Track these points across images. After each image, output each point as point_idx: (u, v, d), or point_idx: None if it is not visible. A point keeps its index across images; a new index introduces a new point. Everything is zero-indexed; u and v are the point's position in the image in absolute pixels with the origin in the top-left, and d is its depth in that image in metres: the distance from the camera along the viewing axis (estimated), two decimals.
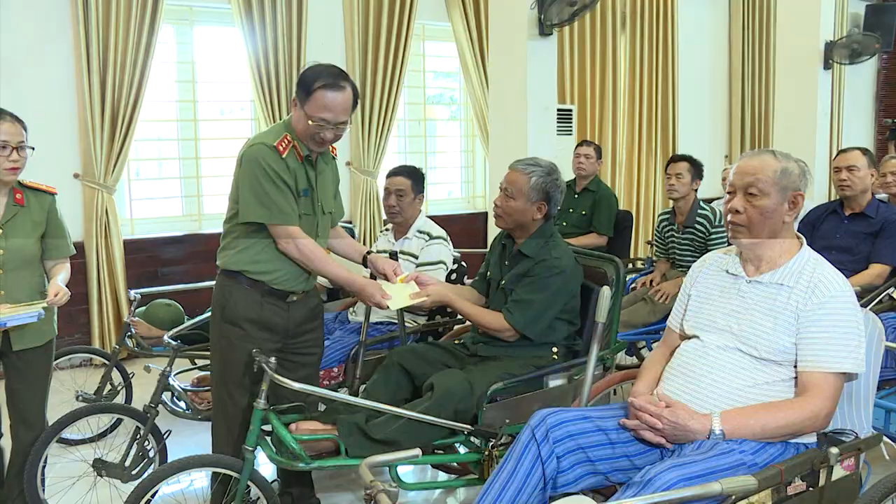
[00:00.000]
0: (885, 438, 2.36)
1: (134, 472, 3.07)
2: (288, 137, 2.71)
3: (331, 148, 2.92)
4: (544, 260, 2.94)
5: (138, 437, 3.09)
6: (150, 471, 3.09)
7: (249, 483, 2.65)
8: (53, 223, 2.96)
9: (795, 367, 2.11)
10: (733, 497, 1.84)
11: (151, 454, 3.12)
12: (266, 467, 3.49)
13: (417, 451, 1.92)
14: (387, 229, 3.99)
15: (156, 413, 3.10)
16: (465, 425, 2.70)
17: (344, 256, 3.18)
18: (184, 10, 5.85)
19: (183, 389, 3.47)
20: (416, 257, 3.68)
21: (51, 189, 3.00)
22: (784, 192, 2.17)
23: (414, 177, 3.81)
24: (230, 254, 2.78)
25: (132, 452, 3.09)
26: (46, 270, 2.99)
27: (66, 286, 2.88)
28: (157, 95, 5.76)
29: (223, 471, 2.67)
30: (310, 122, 2.65)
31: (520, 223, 3.02)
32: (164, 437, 3.16)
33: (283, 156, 2.68)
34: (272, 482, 2.68)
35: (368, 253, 3.08)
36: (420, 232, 3.77)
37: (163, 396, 3.28)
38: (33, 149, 2.92)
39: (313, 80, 2.65)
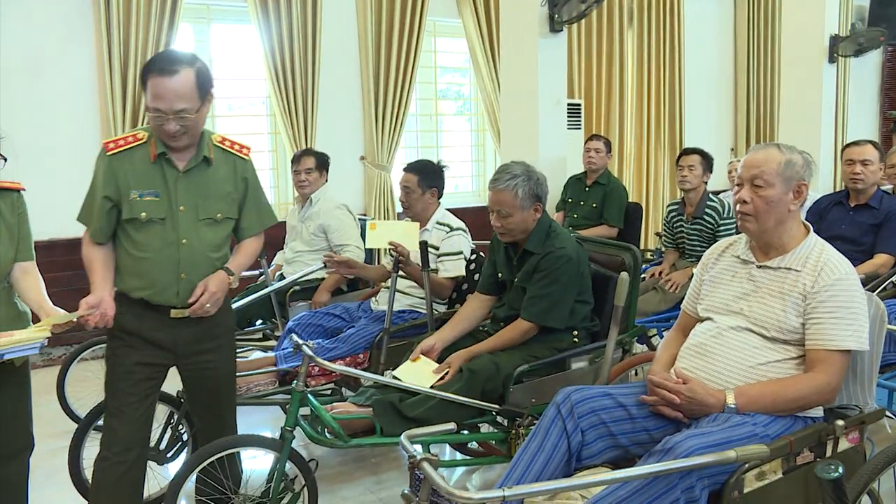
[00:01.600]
0: (887, 413, 2.50)
1: (169, 455, 3.19)
2: (137, 136, 2.54)
3: (239, 147, 2.67)
4: (550, 252, 3.04)
5: (172, 421, 3.20)
6: (184, 453, 3.24)
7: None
8: (24, 222, 2.64)
9: (803, 345, 2.25)
10: (747, 465, 1.99)
11: (185, 438, 3.23)
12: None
13: (453, 425, 2.06)
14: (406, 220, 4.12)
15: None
16: (493, 405, 2.85)
17: None
18: (202, 9, 5.99)
19: None
20: (437, 248, 3.81)
21: (16, 185, 2.62)
22: (788, 182, 2.31)
23: (422, 172, 3.87)
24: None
25: (167, 436, 3.20)
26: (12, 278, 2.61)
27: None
28: None
29: (263, 450, 2.79)
30: (149, 114, 2.45)
31: (524, 230, 3.11)
32: None
33: (110, 153, 2.50)
34: (309, 461, 2.80)
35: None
36: (440, 224, 3.87)
37: None
38: (5, 159, 2.66)
39: (145, 68, 2.42)
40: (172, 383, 3.86)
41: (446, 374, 2.93)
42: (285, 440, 2.67)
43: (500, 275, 3.29)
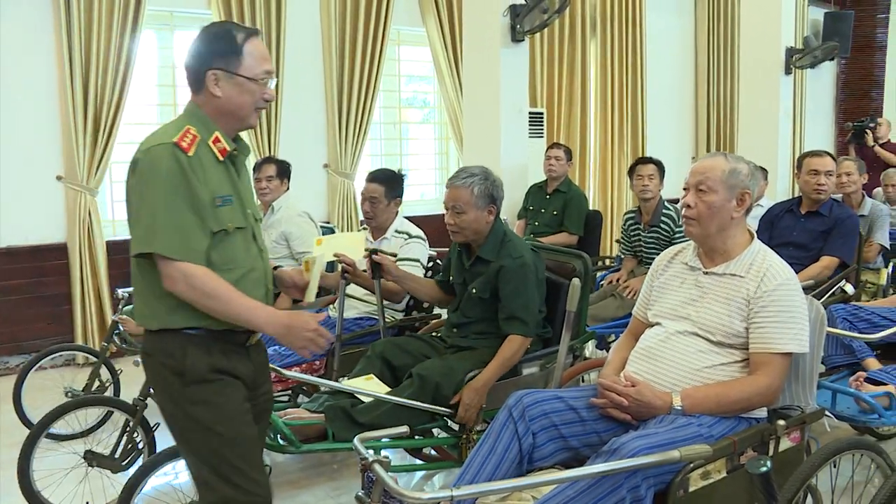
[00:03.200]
0: (827, 413, 2.58)
1: (124, 463, 3.17)
2: (192, 132, 2.06)
3: None
4: (513, 260, 3.07)
5: (127, 429, 3.17)
6: (139, 462, 3.21)
7: None
8: None
9: (747, 349, 2.32)
10: (692, 464, 2.05)
11: (140, 446, 3.21)
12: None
13: (405, 429, 2.09)
14: (365, 228, 4.11)
15: (144, 406, 3.16)
16: (444, 409, 2.88)
17: None
18: (165, 16, 5.97)
19: None
20: (395, 255, 3.85)
21: None
22: (732, 190, 2.39)
23: (388, 183, 3.87)
24: (160, 308, 2.06)
25: (122, 444, 3.18)
26: None
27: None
28: (139, 99, 5.87)
29: None
30: (256, 84, 2.10)
31: (476, 231, 3.15)
32: (153, 429, 3.25)
33: (190, 153, 2.03)
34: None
35: (276, 268, 2.43)
36: (398, 232, 3.90)
37: (150, 390, 3.28)
38: None
39: (230, 34, 2.11)
40: (129, 390, 3.80)
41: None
42: None
43: (451, 278, 3.34)
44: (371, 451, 1.94)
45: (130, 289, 4.23)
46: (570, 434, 2.31)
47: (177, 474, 3.47)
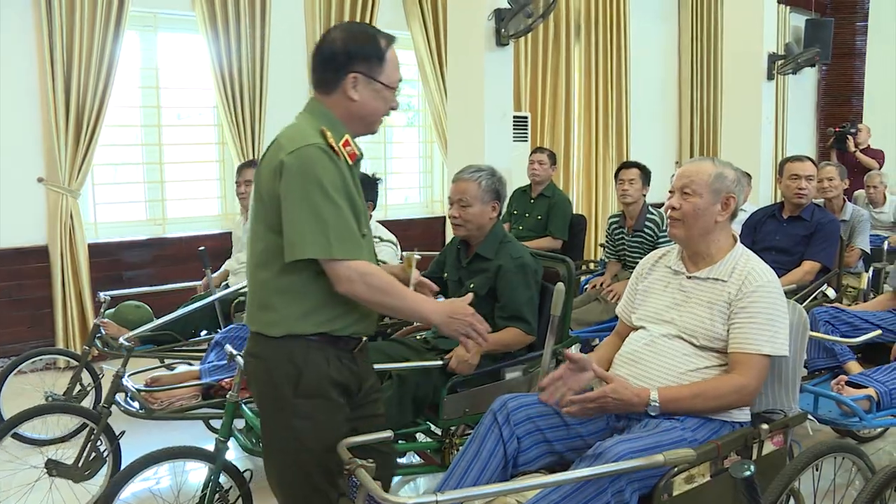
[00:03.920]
0: (809, 416, 2.60)
1: (86, 473, 3.09)
2: (329, 134, 2.03)
3: None
4: (512, 260, 3.09)
5: (91, 437, 3.10)
6: (103, 471, 3.16)
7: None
8: None
9: None
10: (676, 468, 2.05)
11: (105, 454, 3.14)
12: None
13: (389, 433, 2.08)
14: None
15: (108, 413, 3.12)
16: (438, 362, 2.91)
17: None
18: (148, 17, 5.93)
19: (137, 390, 3.38)
20: None
21: None
22: (717, 194, 2.41)
23: (363, 187, 3.86)
24: (288, 315, 2.04)
25: (85, 453, 3.10)
26: None
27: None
28: (121, 101, 5.83)
29: (197, 462, 2.78)
30: (388, 93, 2.11)
31: (479, 226, 3.17)
32: (118, 437, 3.19)
33: (338, 156, 2.03)
34: (244, 471, 2.80)
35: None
36: (376, 238, 3.85)
37: (117, 397, 3.26)
38: None
39: (376, 40, 2.09)
40: (91, 398, 3.66)
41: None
42: (219, 451, 2.67)
43: (445, 275, 3.35)
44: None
45: (112, 292, 4.27)
46: (555, 438, 2.32)
47: (158, 480, 3.46)
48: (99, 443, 3.12)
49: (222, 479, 2.72)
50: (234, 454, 3.44)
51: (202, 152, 6.43)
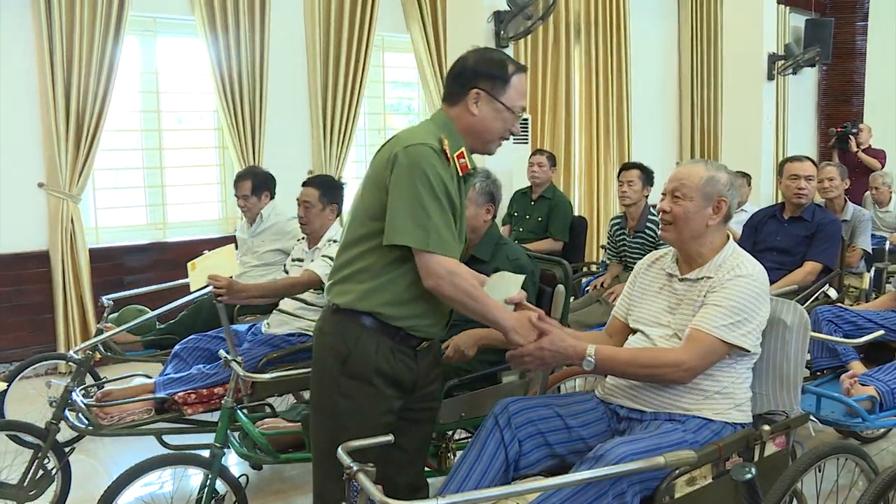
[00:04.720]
0: (811, 417, 2.59)
1: (31, 493, 2.97)
2: (446, 142, 2.15)
3: None
4: (510, 262, 3.07)
5: (38, 455, 3.00)
6: (50, 489, 3.05)
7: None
8: None
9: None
10: (677, 470, 2.04)
11: (53, 472, 3.04)
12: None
13: (390, 437, 2.06)
14: (303, 238, 3.96)
15: (57, 429, 3.03)
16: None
17: None
18: (148, 22, 5.94)
19: (85, 405, 3.28)
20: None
21: None
22: (708, 197, 2.40)
23: (324, 187, 3.77)
24: (358, 289, 2.17)
25: (31, 471, 2.99)
26: None
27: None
28: (122, 105, 5.84)
29: (193, 468, 2.78)
30: (511, 115, 2.23)
31: (474, 228, 3.15)
32: (67, 453, 3.10)
33: (449, 163, 2.14)
34: (240, 477, 2.79)
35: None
36: (331, 241, 3.73)
37: (66, 413, 3.16)
38: None
39: (504, 64, 2.22)
40: (39, 413, 3.51)
41: None
42: (215, 457, 2.66)
43: None
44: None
45: (115, 295, 4.25)
46: (556, 441, 2.31)
47: (154, 487, 3.43)
48: (46, 460, 3.01)
49: (219, 485, 2.72)
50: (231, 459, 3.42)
51: (202, 156, 6.44)
